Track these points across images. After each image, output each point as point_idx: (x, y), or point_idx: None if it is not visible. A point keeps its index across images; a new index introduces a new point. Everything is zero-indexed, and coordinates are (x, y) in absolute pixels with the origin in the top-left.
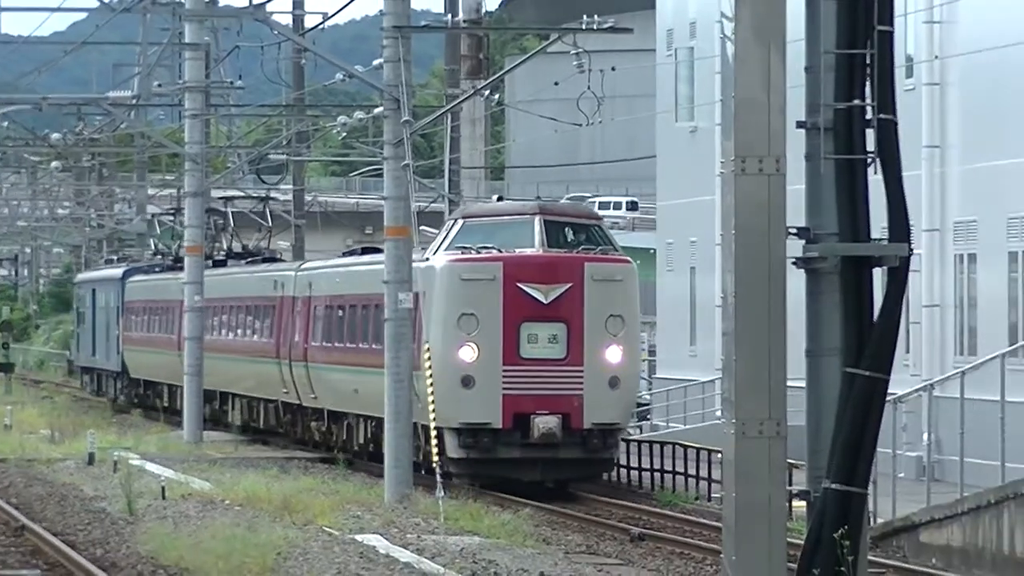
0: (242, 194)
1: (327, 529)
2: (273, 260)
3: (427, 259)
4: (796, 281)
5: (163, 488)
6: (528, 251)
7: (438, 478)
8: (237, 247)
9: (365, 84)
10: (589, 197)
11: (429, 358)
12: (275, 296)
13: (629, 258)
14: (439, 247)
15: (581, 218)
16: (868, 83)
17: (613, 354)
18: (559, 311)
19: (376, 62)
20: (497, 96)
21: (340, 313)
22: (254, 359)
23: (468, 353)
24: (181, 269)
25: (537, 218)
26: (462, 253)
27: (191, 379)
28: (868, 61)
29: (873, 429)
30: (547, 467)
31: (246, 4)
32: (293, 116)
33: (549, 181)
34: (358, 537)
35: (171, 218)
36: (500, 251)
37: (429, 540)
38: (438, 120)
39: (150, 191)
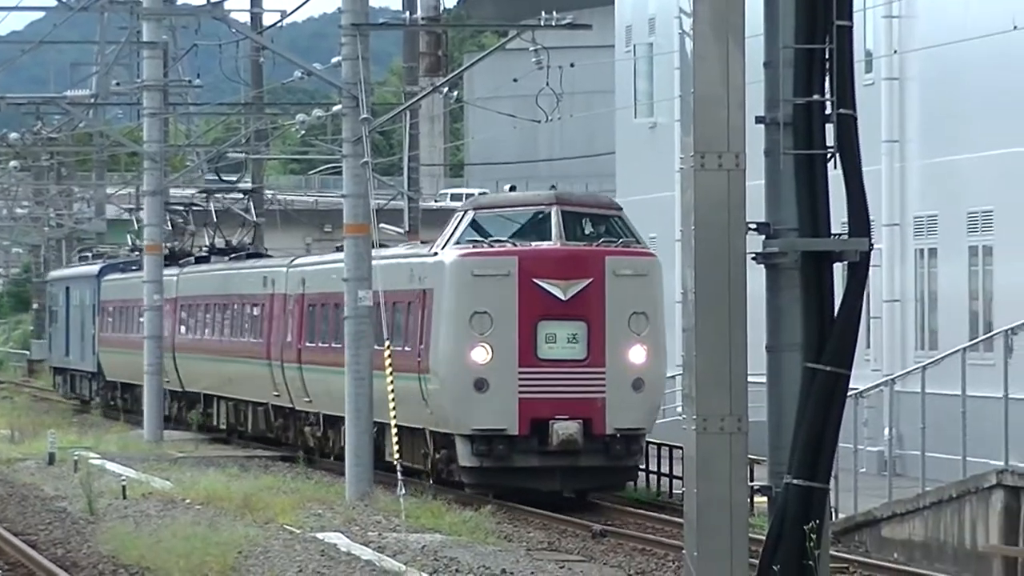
0: (226, 186)
1: (288, 527)
2: (259, 256)
3: (435, 253)
4: (757, 276)
5: (124, 487)
6: (545, 244)
7: (399, 475)
8: (219, 243)
9: (324, 82)
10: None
11: (390, 354)
12: (265, 294)
13: (653, 251)
14: (448, 241)
15: (601, 208)
16: (827, 78)
17: (637, 354)
18: (579, 308)
19: (334, 60)
20: (456, 93)
21: (337, 312)
22: (242, 360)
23: (481, 354)
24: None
25: (554, 209)
26: (473, 247)
27: (151, 378)
28: (827, 56)
29: (834, 424)
30: (567, 476)
31: (204, 2)
32: (251, 114)
33: (508, 178)
34: (319, 535)
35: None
36: (515, 245)
37: (390, 538)
38: (397, 117)
39: (109, 190)
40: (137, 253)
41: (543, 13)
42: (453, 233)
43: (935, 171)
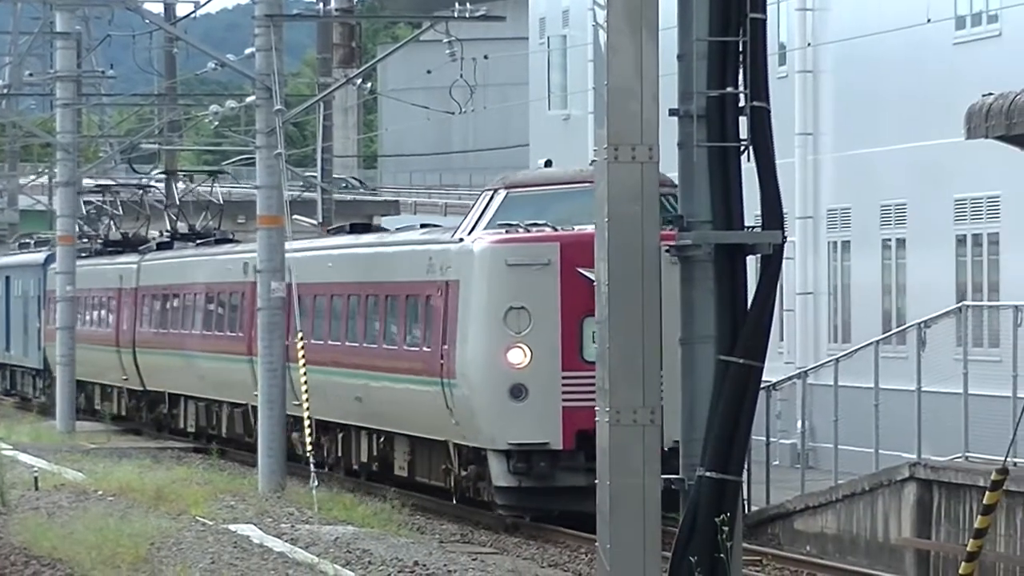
0: (196, 169)
1: (200, 519)
2: (228, 241)
3: (460, 239)
4: (672, 269)
5: (36, 479)
6: (590, 228)
7: (311, 467)
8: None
9: (237, 73)
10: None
11: (302, 347)
12: (246, 282)
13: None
14: (475, 224)
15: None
16: (741, 71)
17: None
18: None
19: (248, 51)
20: (369, 85)
21: (336, 305)
22: (217, 356)
23: (518, 356)
24: (115, 253)
25: None
26: (507, 232)
27: (63, 368)
28: (740, 49)
29: (747, 417)
30: None
31: None
32: (165, 105)
33: (422, 169)
34: (231, 527)
35: (100, 197)
36: (555, 229)
37: (303, 529)
38: (310, 109)
39: (21, 181)
40: (86, 241)
41: (457, 5)
42: (482, 215)
43: (848, 164)
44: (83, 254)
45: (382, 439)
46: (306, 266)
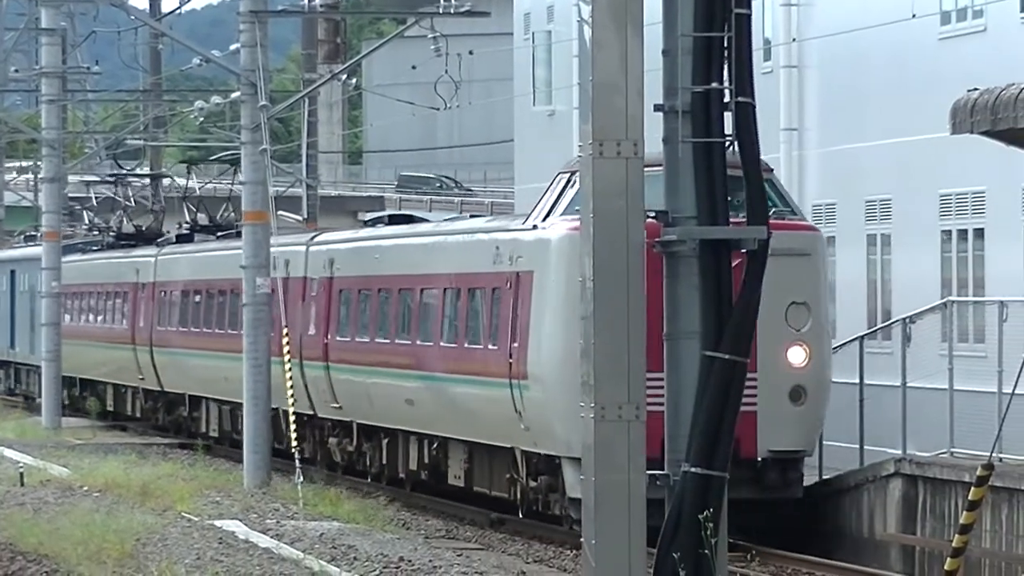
0: (211, 159)
1: (186, 515)
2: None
3: (533, 227)
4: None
5: (21, 475)
6: None
7: (296, 463)
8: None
9: (222, 69)
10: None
11: (287, 342)
12: (276, 277)
13: (814, 224)
14: (551, 210)
15: None
16: (726, 66)
17: (796, 355)
18: None
19: (233, 47)
20: (354, 80)
21: (384, 300)
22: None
23: None
24: (127, 247)
25: None
26: None
27: (49, 364)
28: (725, 44)
29: (732, 412)
30: None
31: None
32: (150, 101)
33: (407, 165)
34: (217, 523)
35: (111, 187)
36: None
37: (288, 525)
38: (295, 105)
39: (7, 177)
40: (96, 233)
41: (441, 0)
42: (558, 200)
43: (833, 159)
44: (94, 247)
45: (435, 446)
46: (348, 259)
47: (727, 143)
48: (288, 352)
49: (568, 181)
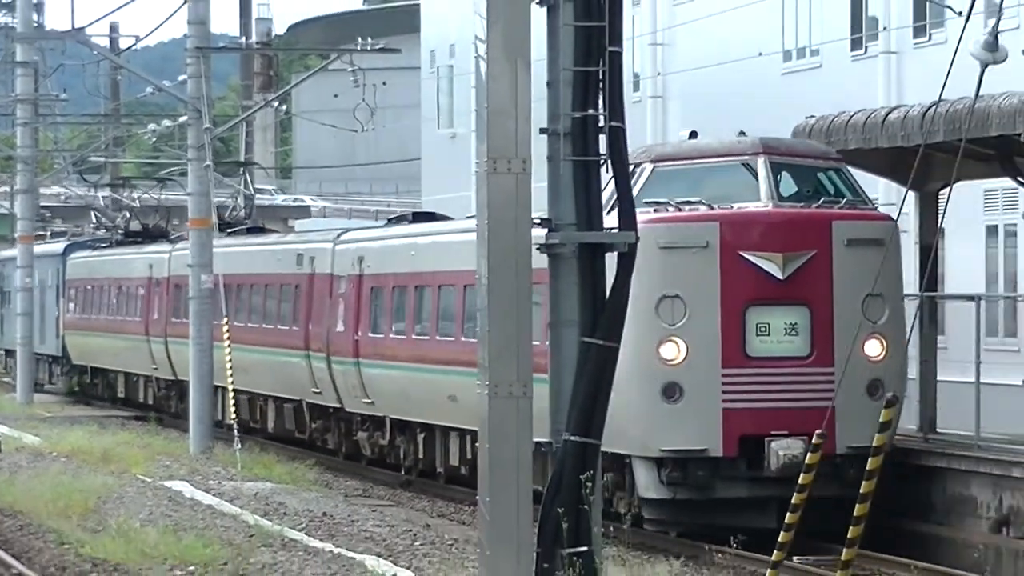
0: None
1: (140, 477)
2: (262, 231)
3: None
4: (542, 263)
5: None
6: (752, 206)
7: (235, 432)
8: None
9: (172, 97)
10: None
11: (228, 330)
12: (301, 274)
13: (888, 214)
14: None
15: (819, 159)
16: (600, 96)
17: (873, 348)
18: (800, 290)
19: (181, 78)
20: (285, 107)
21: (423, 296)
22: (267, 351)
23: (671, 351)
24: (135, 243)
25: (761, 159)
26: (655, 211)
27: (23, 348)
28: (600, 77)
29: (606, 389)
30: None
31: (69, 28)
32: (110, 124)
33: (331, 179)
34: (167, 483)
35: (121, 185)
36: (712, 207)
37: (228, 486)
38: (235, 127)
39: None
40: (104, 231)
41: (360, 39)
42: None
43: None
44: (102, 244)
45: (472, 441)
46: (380, 256)
47: (601, 161)
48: (314, 347)
49: (637, 174)
